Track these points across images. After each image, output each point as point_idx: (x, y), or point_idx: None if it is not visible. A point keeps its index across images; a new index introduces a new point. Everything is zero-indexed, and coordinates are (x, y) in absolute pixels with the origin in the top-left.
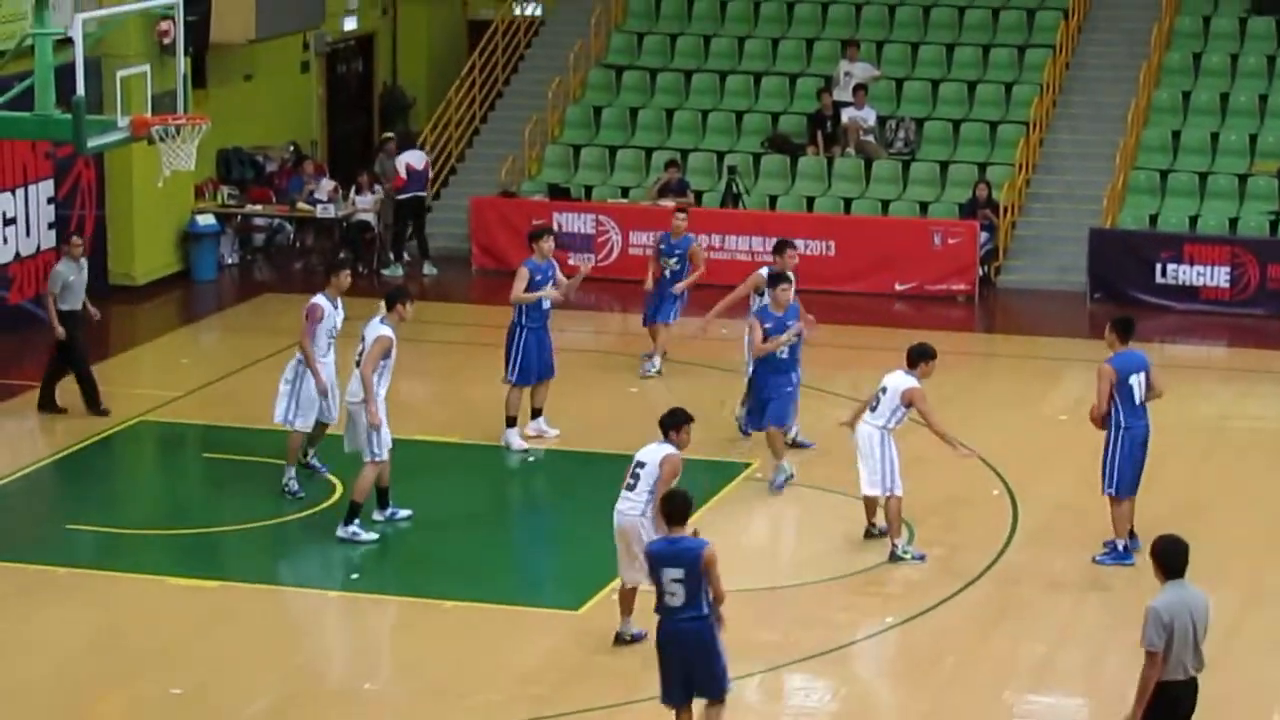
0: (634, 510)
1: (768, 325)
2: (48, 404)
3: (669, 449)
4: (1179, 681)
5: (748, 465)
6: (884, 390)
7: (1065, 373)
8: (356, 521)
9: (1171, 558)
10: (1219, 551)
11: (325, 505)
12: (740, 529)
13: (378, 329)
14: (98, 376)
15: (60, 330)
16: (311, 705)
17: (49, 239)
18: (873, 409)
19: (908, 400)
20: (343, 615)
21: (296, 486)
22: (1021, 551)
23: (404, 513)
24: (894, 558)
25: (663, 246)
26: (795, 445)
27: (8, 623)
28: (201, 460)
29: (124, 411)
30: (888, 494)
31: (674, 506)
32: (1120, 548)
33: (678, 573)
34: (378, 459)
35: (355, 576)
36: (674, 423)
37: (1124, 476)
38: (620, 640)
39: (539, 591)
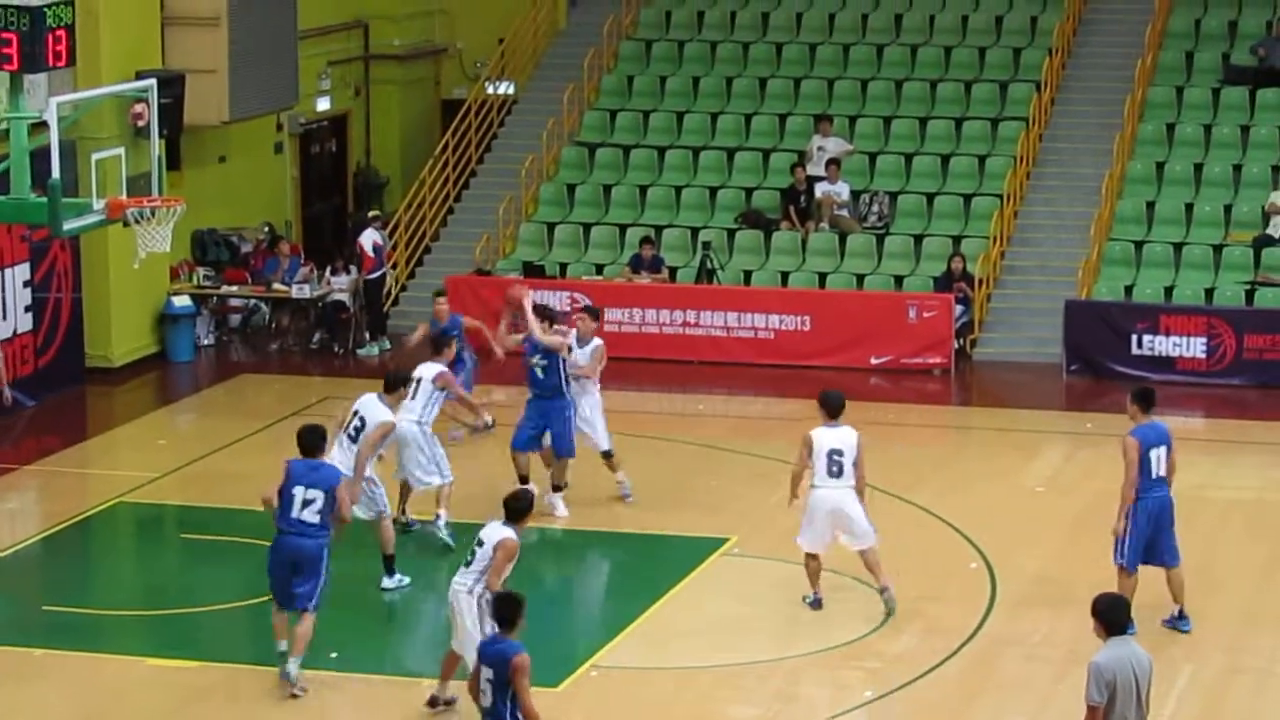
0: (463, 587)
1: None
2: None
3: (508, 532)
4: None
5: (725, 540)
6: (842, 453)
7: (1042, 445)
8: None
9: (1113, 613)
10: (1203, 620)
11: None
12: (717, 604)
13: (379, 413)
14: (74, 460)
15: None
16: None
17: (25, 322)
18: (838, 474)
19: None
20: (322, 694)
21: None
22: (1001, 624)
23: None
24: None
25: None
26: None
27: None
28: (179, 540)
29: (102, 493)
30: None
31: (502, 611)
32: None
33: (489, 673)
34: (385, 515)
35: (334, 655)
36: (518, 506)
37: (1134, 549)
38: (433, 704)
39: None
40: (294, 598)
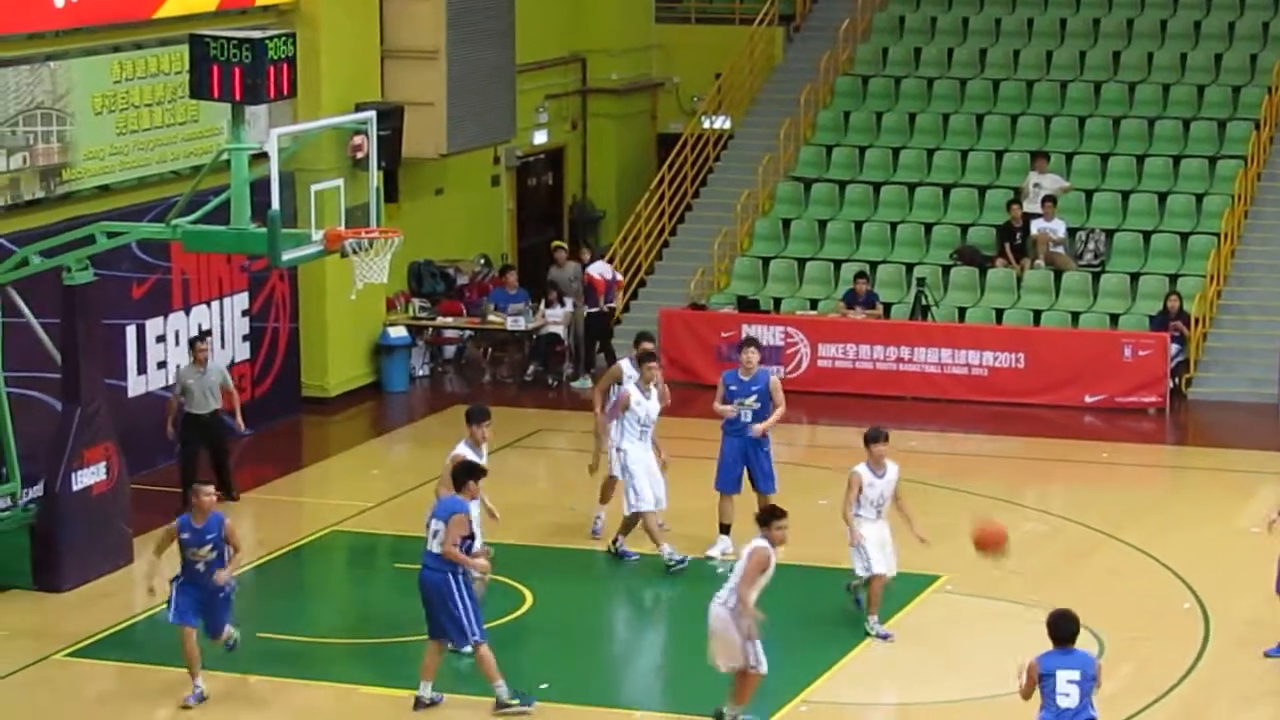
0: (718, 599)
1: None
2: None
3: (760, 542)
4: None
5: (936, 577)
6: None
7: (1258, 486)
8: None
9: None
10: None
11: (513, 615)
12: (929, 641)
13: (456, 450)
14: (288, 488)
15: (170, 431)
16: None
17: (243, 351)
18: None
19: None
20: None
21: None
22: (1213, 666)
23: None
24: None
25: (733, 386)
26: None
27: None
28: (392, 570)
29: (316, 521)
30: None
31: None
32: None
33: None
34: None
35: (544, 686)
36: (766, 519)
37: None
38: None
39: (724, 701)
40: (439, 629)
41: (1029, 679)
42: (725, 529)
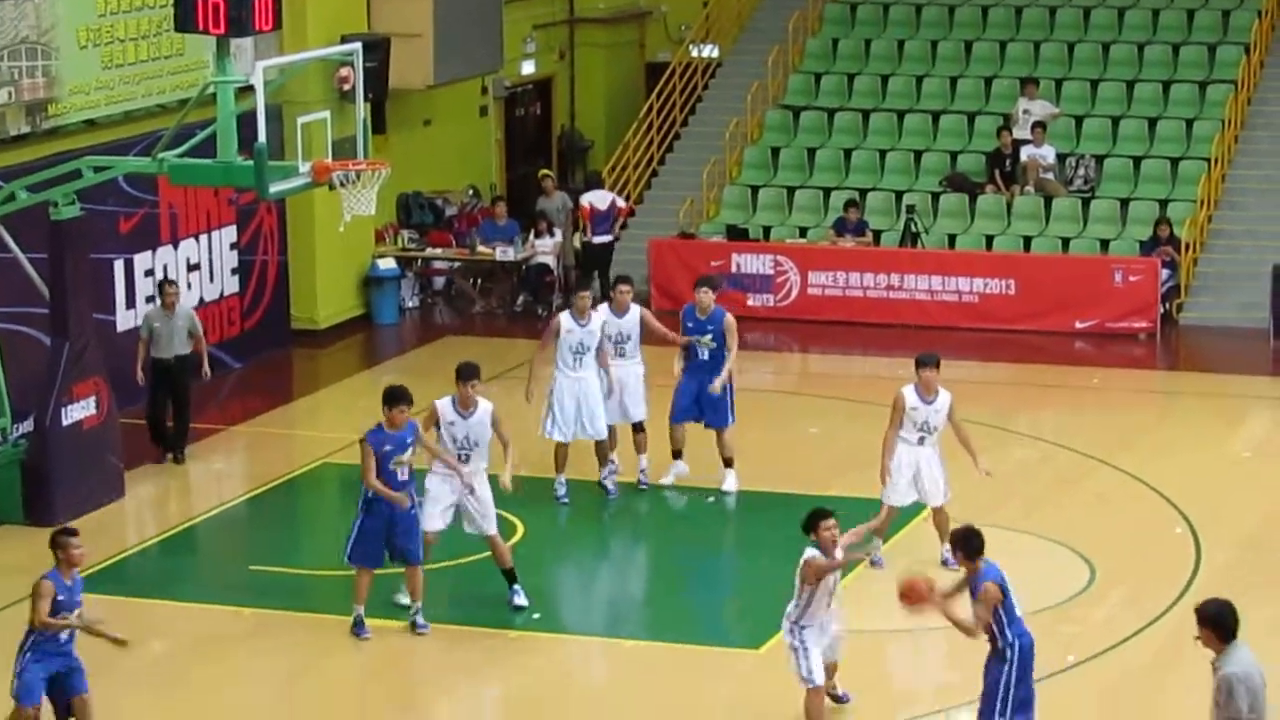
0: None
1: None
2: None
3: (810, 552)
4: None
5: (924, 506)
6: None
7: (1249, 410)
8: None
9: (1226, 619)
10: None
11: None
12: (918, 568)
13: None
14: (279, 421)
15: (139, 376)
16: None
17: (232, 285)
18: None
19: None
20: (523, 655)
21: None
22: (1205, 590)
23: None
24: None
25: (689, 324)
26: None
27: (200, 662)
28: None
29: (307, 454)
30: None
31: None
32: None
33: None
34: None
35: (536, 616)
36: (812, 523)
37: None
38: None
39: (720, 631)
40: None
41: (989, 601)
42: (677, 454)
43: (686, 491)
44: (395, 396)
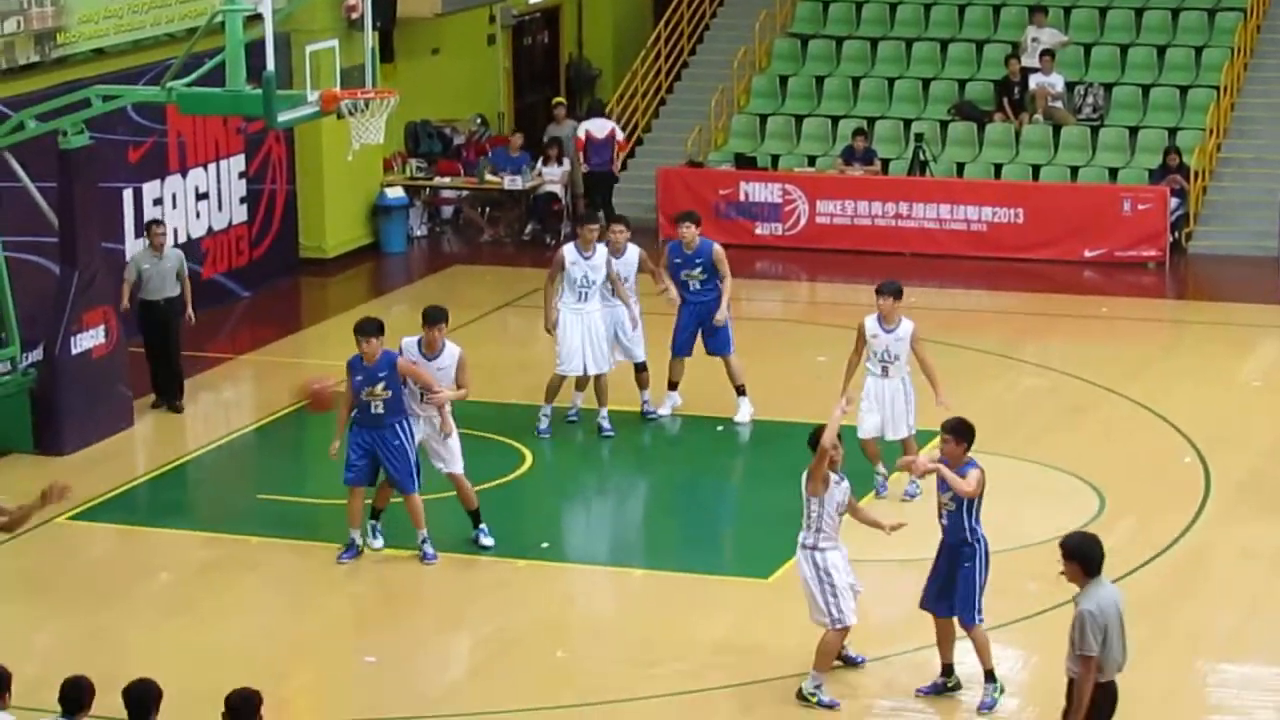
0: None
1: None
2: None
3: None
4: (1113, 682)
5: (935, 433)
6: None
7: (1258, 339)
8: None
9: (1090, 552)
10: None
11: (512, 476)
12: (923, 497)
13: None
14: (288, 349)
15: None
16: (505, 673)
17: (241, 214)
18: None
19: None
20: (533, 584)
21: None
22: (1214, 519)
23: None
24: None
25: (676, 260)
26: None
27: (207, 591)
28: None
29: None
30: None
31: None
32: None
33: None
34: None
35: (545, 545)
36: (817, 437)
37: None
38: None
39: (728, 560)
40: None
41: (979, 483)
42: (673, 385)
43: (695, 421)
44: (360, 328)
